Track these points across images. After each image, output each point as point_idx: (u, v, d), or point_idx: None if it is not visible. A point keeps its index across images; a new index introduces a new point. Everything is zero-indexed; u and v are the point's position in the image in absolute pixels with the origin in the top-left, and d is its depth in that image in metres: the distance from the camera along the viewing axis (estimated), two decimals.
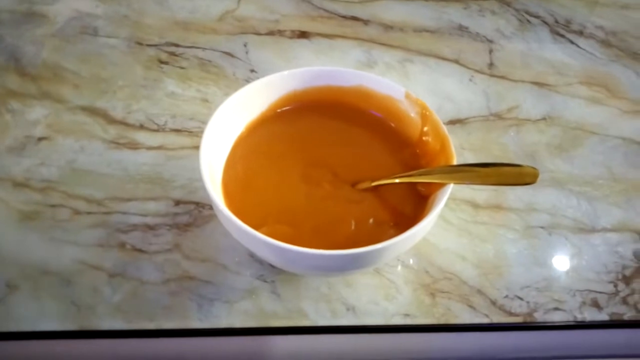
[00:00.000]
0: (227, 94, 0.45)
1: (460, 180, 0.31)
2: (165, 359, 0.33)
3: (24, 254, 0.35)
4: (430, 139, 0.34)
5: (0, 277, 0.34)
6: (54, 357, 0.33)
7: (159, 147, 0.41)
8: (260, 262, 0.35)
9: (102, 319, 0.32)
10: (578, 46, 0.52)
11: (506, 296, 0.35)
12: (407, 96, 0.35)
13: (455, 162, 0.32)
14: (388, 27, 0.52)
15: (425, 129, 0.35)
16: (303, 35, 0.51)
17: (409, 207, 0.33)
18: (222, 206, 0.29)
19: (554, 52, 0.52)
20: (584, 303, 0.35)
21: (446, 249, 0.37)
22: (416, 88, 0.44)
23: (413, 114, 0.35)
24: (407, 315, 0.34)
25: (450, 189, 0.30)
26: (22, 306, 0.33)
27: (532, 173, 0.30)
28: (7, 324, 0.32)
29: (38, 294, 0.33)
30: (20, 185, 0.38)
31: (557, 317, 0.34)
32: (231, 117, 0.35)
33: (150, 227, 0.36)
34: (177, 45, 0.49)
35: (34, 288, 0.33)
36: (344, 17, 0.53)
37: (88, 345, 0.32)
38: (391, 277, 0.35)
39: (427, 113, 0.34)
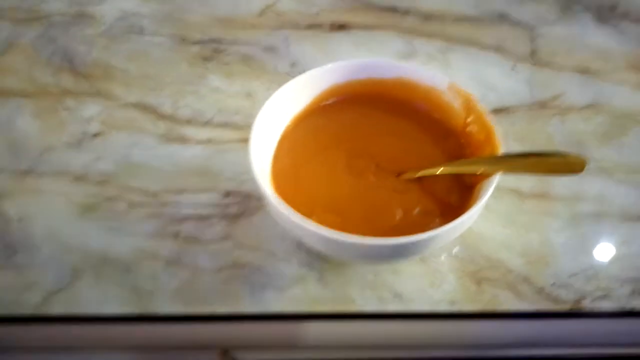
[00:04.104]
0: (269, 89, 0.46)
1: (506, 170, 0.31)
2: (220, 342, 0.35)
3: (86, 243, 0.37)
4: (474, 129, 0.35)
5: (66, 265, 0.36)
6: (117, 339, 0.35)
7: (207, 141, 0.43)
8: (307, 250, 0.37)
9: (161, 304, 0.34)
10: (624, 31, 0.51)
11: (553, 284, 0.35)
12: (451, 87, 0.35)
13: (501, 152, 0.32)
14: (427, 16, 0.52)
15: (470, 119, 0.35)
16: (342, 27, 0.51)
17: (455, 197, 0.34)
18: (273, 198, 0.30)
19: (599, 37, 0.51)
20: (633, 291, 0.35)
21: (491, 237, 0.37)
22: (458, 78, 0.44)
23: (457, 104, 0.36)
24: (453, 302, 0.34)
25: (496, 179, 0.31)
26: (86, 292, 0.35)
27: (579, 162, 0.30)
28: (73, 307, 0.35)
29: (101, 280, 0.35)
30: (79, 179, 0.41)
31: (605, 305, 0.34)
32: (277, 112, 0.36)
33: (203, 218, 0.38)
34: (219, 42, 0.50)
35: (96, 275, 0.36)
36: (383, 8, 0.53)
37: (149, 328, 0.34)
38: (436, 265, 0.36)
39: (472, 103, 0.35)
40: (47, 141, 0.43)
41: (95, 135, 0.43)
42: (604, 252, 0.37)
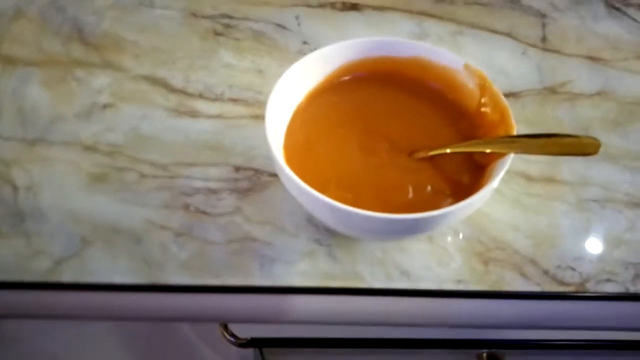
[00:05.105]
0: (281, 66, 0.46)
1: (520, 150, 0.31)
2: (229, 314, 0.35)
3: (96, 213, 0.37)
4: (488, 110, 0.35)
5: (75, 233, 0.36)
6: (127, 308, 0.35)
7: (218, 116, 0.42)
8: (316, 226, 0.37)
9: (171, 275, 0.35)
10: (635, 20, 0.51)
11: (558, 266, 0.36)
12: (466, 67, 0.36)
13: (515, 132, 0.32)
14: None
15: (484, 100, 0.35)
16: (354, 7, 0.51)
17: (466, 177, 0.34)
18: (289, 171, 0.31)
19: (609, 26, 0.51)
20: (637, 275, 0.35)
21: (498, 219, 0.38)
22: (468, 61, 0.44)
23: (471, 85, 0.36)
24: (459, 281, 0.35)
25: (510, 159, 0.31)
26: (96, 261, 0.35)
27: (593, 144, 0.31)
28: (83, 275, 0.35)
29: (111, 250, 0.36)
30: (89, 148, 0.40)
31: (609, 288, 0.35)
32: (292, 87, 0.36)
33: (213, 191, 0.38)
34: (230, 17, 0.50)
35: (106, 244, 0.36)
36: None
37: (159, 298, 0.35)
38: (444, 245, 0.36)
39: (487, 84, 0.35)
40: (56, 111, 0.43)
41: (105, 106, 0.43)
42: (609, 236, 0.37)
